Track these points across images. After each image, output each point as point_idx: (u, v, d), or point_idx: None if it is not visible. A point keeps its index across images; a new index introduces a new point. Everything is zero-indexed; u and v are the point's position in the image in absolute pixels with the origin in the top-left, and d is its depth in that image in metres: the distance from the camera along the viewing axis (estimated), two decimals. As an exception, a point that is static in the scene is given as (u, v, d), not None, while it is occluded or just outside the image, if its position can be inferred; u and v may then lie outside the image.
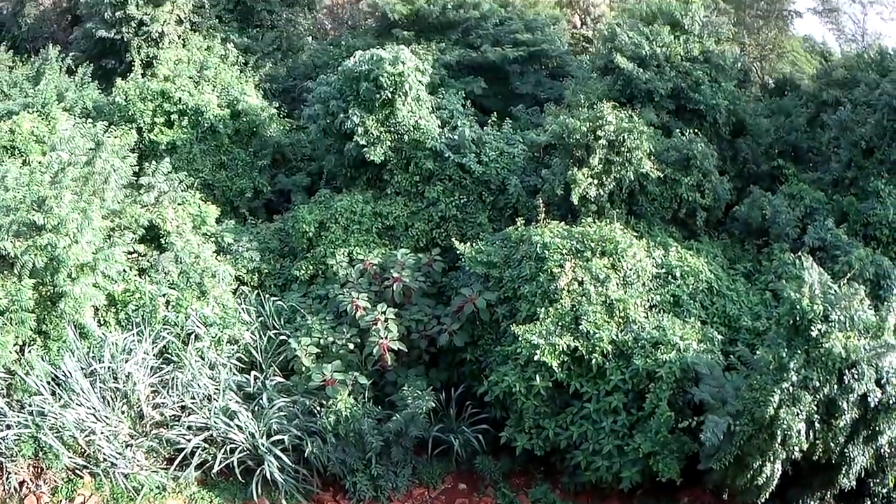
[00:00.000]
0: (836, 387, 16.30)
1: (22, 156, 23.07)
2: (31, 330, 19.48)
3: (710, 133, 26.40)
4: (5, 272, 19.44)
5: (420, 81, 25.27)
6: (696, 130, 25.35)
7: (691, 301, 21.43)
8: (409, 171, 25.44)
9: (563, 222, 22.88)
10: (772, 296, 21.95)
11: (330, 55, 34.19)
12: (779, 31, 43.01)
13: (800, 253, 21.72)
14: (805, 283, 16.39)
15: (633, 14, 29.56)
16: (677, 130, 25.18)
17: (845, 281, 16.92)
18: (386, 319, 21.70)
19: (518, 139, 26.36)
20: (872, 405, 16.50)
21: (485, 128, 26.65)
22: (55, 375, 19.83)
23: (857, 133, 24.63)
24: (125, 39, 31.98)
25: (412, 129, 24.91)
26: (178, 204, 24.14)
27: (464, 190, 25.22)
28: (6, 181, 20.17)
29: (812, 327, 15.84)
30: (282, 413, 20.64)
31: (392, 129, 24.87)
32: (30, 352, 19.64)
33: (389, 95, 24.38)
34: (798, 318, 15.98)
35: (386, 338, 21.39)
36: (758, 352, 18.03)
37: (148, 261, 22.64)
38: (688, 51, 26.82)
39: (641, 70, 25.90)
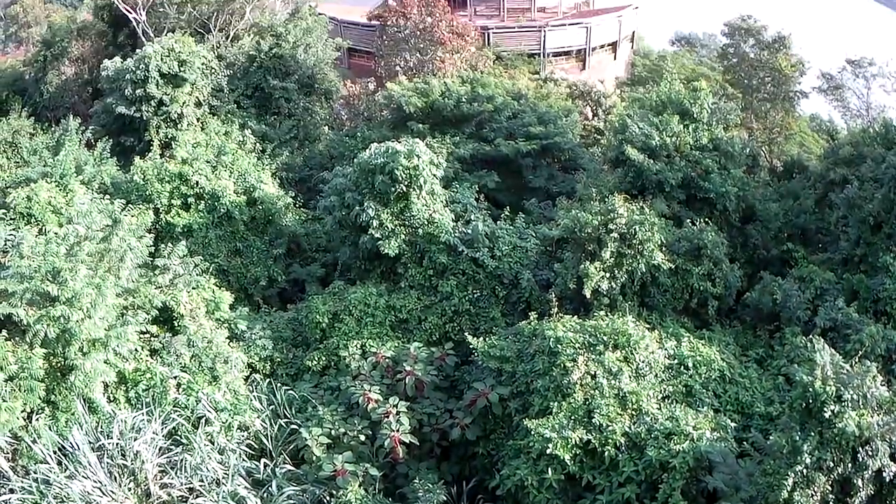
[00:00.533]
0: (850, 465, 16.14)
1: (38, 224, 23.22)
2: (40, 399, 19.45)
3: (720, 221, 26.78)
4: (17, 338, 19.47)
5: (435, 175, 25.75)
6: (706, 219, 25.71)
7: (704, 390, 21.39)
8: (423, 264, 25.74)
9: (575, 316, 22.97)
10: (784, 380, 21.87)
11: (346, 146, 34.99)
12: (786, 114, 43.87)
13: (811, 335, 21.73)
14: (817, 365, 16.37)
15: (644, 104, 30.17)
16: (688, 220, 25.53)
17: (857, 359, 16.89)
18: (398, 412, 21.59)
19: (531, 233, 26.69)
20: (888, 480, 16.30)
21: (498, 222, 27.04)
22: (62, 446, 19.65)
23: (864, 209, 24.85)
24: (145, 118, 32.89)
25: (426, 222, 25.27)
26: (193, 288, 24.30)
27: (477, 284, 25.46)
28: (22, 248, 20.30)
29: (825, 408, 15.73)
30: (291, 501, 20.32)
31: (407, 222, 25.25)
32: (37, 420, 19.56)
33: (404, 189, 24.82)
34: (811, 401, 15.91)
35: (397, 430, 21.23)
36: (771, 437, 17.84)
37: (160, 342, 22.70)
38: (697, 139, 27.40)
39: (652, 161, 26.42)
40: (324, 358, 24.23)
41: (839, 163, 28.49)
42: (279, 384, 23.60)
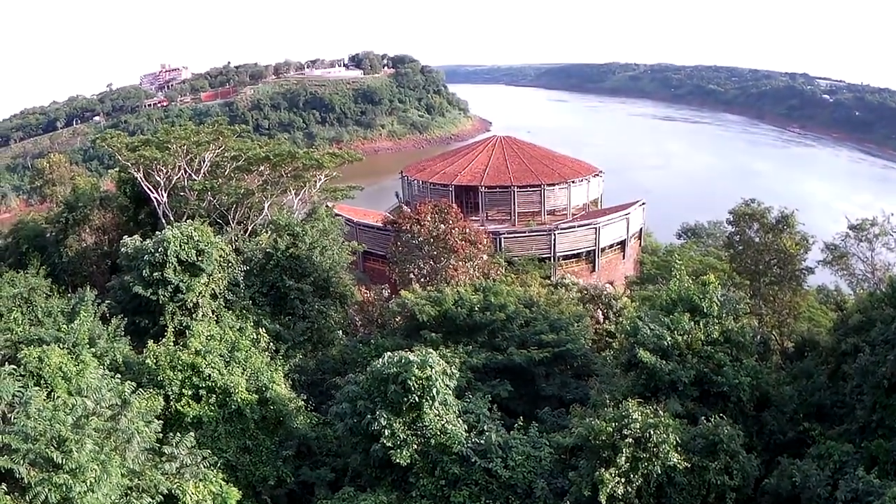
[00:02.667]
0: None
1: (47, 388, 23.09)
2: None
3: (734, 412, 26.51)
4: (16, 494, 19.06)
5: (447, 385, 25.76)
6: (720, 413, 25.42)
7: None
8: (434, 475, 25.24)
9: (590, 528, 22.25)
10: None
11: (359, 353, 35.17)
12: (793, 293, 44.19)
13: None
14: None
15: (654, 303, 30.59)
16: (703, 417, 25.22)
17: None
18: None
19: (544, 442, 26.36)
20: None
21: (511, 431, 26.74)
22: None
23: (878, 374, 24.61)
24: (160, 301, 33.12)
25: (439, 433, 25.08)
26: (200, 480, 23.73)
27: (490, 495, 24.85)
28: (29, 408, 20.17)
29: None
30: None
31: (419, 432, 25.07)
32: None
33: (417, 399, 24.82)
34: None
35: None
36: None
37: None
38: (708, 333, 27.60)
39: (664, 362, 26.53)
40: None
41: (849, 332, 28.64)
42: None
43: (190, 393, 27.95)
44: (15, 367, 22.86)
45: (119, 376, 25.91)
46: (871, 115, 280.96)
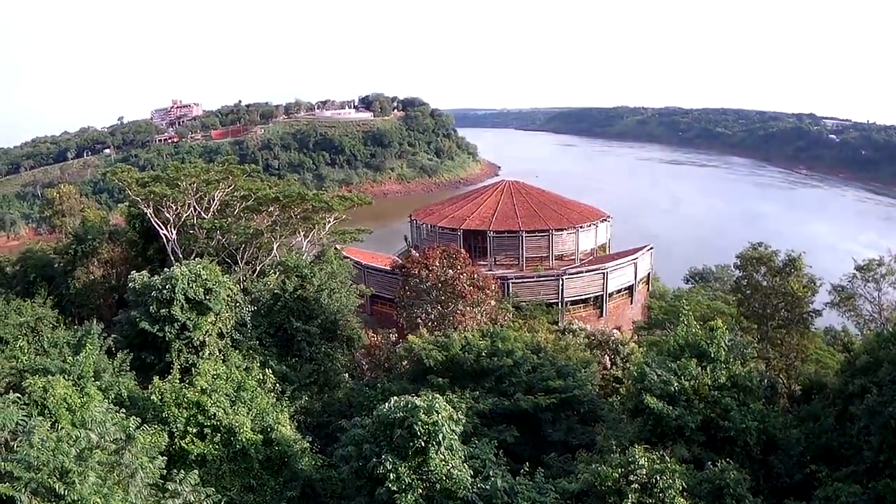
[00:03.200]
0: None
1: (51, 418, 22.96)
2: None
3: (741, 456, 26.39)
4: None
5: (454, 431, 25.56)
6: (727, 457, 25.29)
7: None
8: (439, 519, 25.15)
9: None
10: None
11: (366, 396, 35.06)
12: (801, 336, 44.08)
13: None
14: None
15: (662, 349, 30.55)
16: (709, 462, 25.08)
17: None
18: None
19: (550, 488, 26.13)
20: None
21: (517, 477, 26.55)
22: None
23: (885, 414, 24.56)
24: (167, 338, 32.93)
25: (444, 477, 24.87)
26: None
27: (495, 540, 24.67)
28: (32, 438, 20.06)
29: None
30: None
31: (424, 476, 24.85)
32: None
33: (423, 444, 24.69)
34: None
35: None
36: None
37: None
38: (715, 379, 27.56)
39: (671, 408, 26.50)
40: None
41: (857, 373, 28.57)
42: None
43: (195, 430, 27.79)
44: (19, 395, 22.83)
45: (124, 411, 25.83)
46: (878, 153, 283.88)
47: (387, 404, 25.98)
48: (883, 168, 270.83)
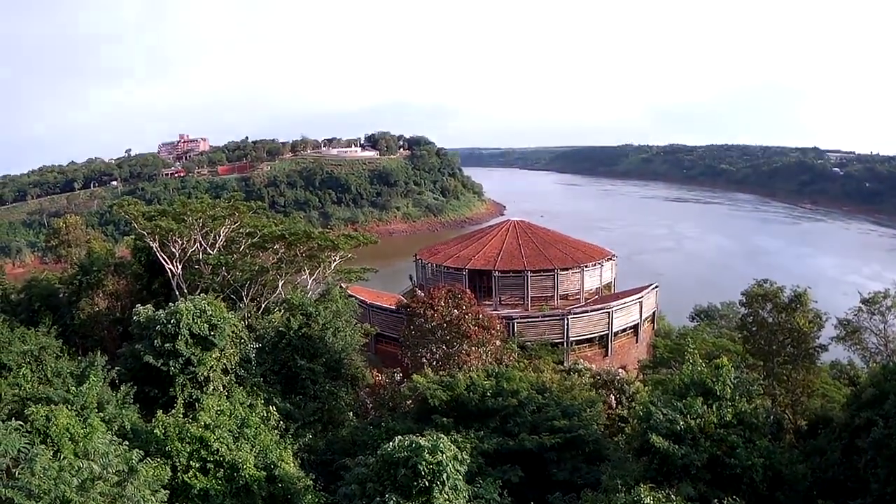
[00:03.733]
0: None
1: (53, 447, 22.80)
2: None
3: (747, 493, 26.20)
4: None
5: (458, 471, 25.43)
6: (733, 495, 25.10)
7: None
8: (444, 560, 24.93)
9: None
10: None
11: (370, 435, 34.80)
12: (807, 371, 43.84)
13: None
14: None
15: (667, 387, 30.44)
16: (715, 500, 24.89)
17: None
18: None
19: (555, 527, 26.15)
20: None
21: (522, 518, 26.56)
22: None
23: (892, 446, 24.43)
24: (171, 372, 32.87)
25: (449, 517, 24.88)
26: None
27: (500, 581, 24.53)
28: (34, 466, 19.90)
29: None
30: None
31: (428, 516, 24.87)
32: None
33: (427, 484, 24.58)
34: None
35: None
36: None
37: None
38: (721, 416, 27.43)
39: (677, 446, 26.33)
40: None
41: (863, 407, 28.50)
42: None
43: (198, 465, 27.66)
44: (21, 423, 22.62)
45: (126, 443, 25.60)
46: (881, 185, 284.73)
47: (391, 443, 25.88)
48: (887, 200, 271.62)
